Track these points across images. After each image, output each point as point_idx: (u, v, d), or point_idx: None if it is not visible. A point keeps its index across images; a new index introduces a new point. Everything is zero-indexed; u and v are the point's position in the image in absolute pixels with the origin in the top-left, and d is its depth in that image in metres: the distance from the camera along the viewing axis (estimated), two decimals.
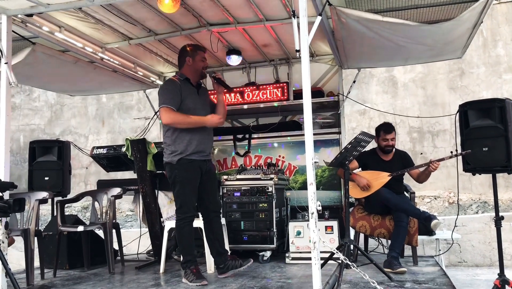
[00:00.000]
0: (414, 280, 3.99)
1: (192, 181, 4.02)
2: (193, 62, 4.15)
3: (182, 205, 4.00)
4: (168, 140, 4.05)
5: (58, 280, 4.47)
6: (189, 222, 4.03)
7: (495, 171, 4.37)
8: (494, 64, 9.05)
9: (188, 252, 4.04)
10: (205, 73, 4.26)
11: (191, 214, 4.04)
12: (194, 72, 4.17)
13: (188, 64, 4.16)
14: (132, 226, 9.83)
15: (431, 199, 8.96)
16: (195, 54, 4.16)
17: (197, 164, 4.03)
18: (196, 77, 4.20)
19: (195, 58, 4.15)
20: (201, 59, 4.18)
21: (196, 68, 4.16)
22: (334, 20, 4.19)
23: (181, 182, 3.99)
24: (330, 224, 4.82)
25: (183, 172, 3.98)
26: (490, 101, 4.50)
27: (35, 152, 5.95)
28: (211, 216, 4.21)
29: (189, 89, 4.11)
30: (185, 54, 4.19)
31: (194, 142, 3.98)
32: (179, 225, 4.03)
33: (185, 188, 3.99)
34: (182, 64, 4.21)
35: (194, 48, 4.23)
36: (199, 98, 4.17)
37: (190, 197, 4.02)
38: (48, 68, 4.98)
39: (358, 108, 8.99)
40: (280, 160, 6.10)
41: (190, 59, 4.15)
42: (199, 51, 4.21)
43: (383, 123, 5.03)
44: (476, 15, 3.94)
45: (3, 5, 3.89)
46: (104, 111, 10.92)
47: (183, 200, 4.00)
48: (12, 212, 3.45)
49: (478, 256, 7.67)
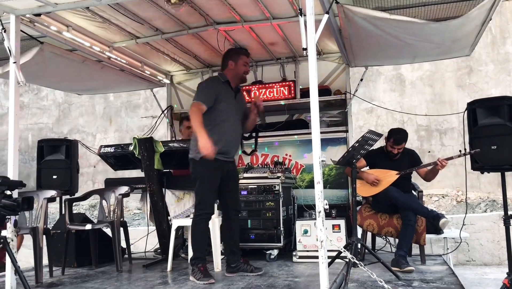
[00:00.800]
0: (422, 279, 3.97)
1: (213, 179, 4.05)
2: (235, 66, 4.21)
3: (201, 201, 4.05)
4: (196, 136, 4.05)
5: (67, 278, 4.49)
6: (205, 219, 4.07)
7: (504, 169, 4.34)
8: (503, 61, 8.98)
9: (198, 249, 4.06)
10: (245, 78, 4.34)
11: (209, 211, 4.07)
12: (235, 76, 4.23)
13: (230, 68, 4.22)
14: (139, 224, 9.87)
15: (439, 198, 8.92)
16: (238, 58, 4.22)
17: (219, 164, 4.05)
18: (236, 81, 4.27)
19: (238, 62, 4.21)
20: (243, 64, 4.23)
21: (238, 72, 4.22)
22: (341, 18, 4.17)
23: (202, 179, 4.03)
24: (337, 223, 4.80)
25: (204, 169, 4.01)
26: (499, 99, 4.47)
27: (43, 150, 5.99)
28: (230, 214, 4.23)
29: (228, 92, 4.19)
30: (228, 58, 4.25)
31: (220, 143, 4.00)
32: (195, 220, 4.07)
33: (204, 184, 4.03)
34: (224, 66, 4.27)
35: (237, 52, 4.30)
36: (235, 102, 4.23)
37: (209, 194, 4.06)
38: (56, 67, 5.00)
39: (366, 106, 8.96)
40: (287, 158, 6.09)
41: (233, 63, 4.21)
42: (242, 56, 4.26)
43: (398, 131, 4.88)
44: (484, 12, 3.91)
45: (11, 5, 3.91)
46: (112, 110, 10.97)
47: (202, 197, 4.05)
48: (21, 210, 3.48)
49: (486, 255, 7.62)
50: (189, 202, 5.15)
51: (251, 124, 4.43)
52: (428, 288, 3.67)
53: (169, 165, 5.12)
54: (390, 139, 4.80)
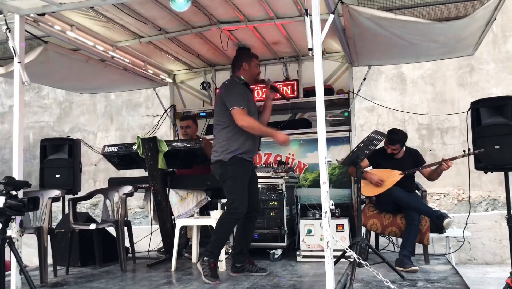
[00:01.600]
0: (426, 278, 3.98)
1: (244, 177, 4.06)
2: (249, 68, 4.26)
3: (235, 200, 3.99)
4: (222, 137, 4.08)
5: (71, 278, 4.50)
6: (236, 219, 4.03)
7: (508, 169, 4.35)
8: (504, 60, 8.98)
9: (218, 246, 4.06)
10: (259, 79, 4.43)
11: (241, 210, 3.99)
12: (250, 77, 4.28)
13: (244, 69, 4.25)
14: (141, 223, 9.88)
15: (440, 196, 8.93)
16: (250, 60, 4.29)
17: (247, 164, 4.09)
18: (251, 82, 4.33)
19: (251, 64, 4.27)
20: (255, 66, 4.32)
21: (252, 73, 4.28)
22: (345, 18, 4.18)
23: (233, 177, 4.00)
24: (341, 222, 4.81)
25: (235, 167, 4.01)
26: (502, 99, 4.48)
27: (46, 149, 5.99)
28: (251, 214, 4.21)
29: (249, 94, 4.25)
30: (241, 59, 4.29)
31: (247, 143, 4.04)
32: (225, 218, 4.05)
33: (236, 182, 4.00)
34: (238, 68, 4.28)
35: (249, 55, 4.38)
36: (253, 103, 4.28)
37: (242, 192, 4.03)
38: (60, 66, 5.00)
39: (367, 105, 8.95)
40: (290, 157, 6.09)
41: (247, 65, 4.25)
42: (254, 58, 4.35)
43: (394, 131, 4.87)
44: (489, 13, 3.92)
45: (16, 4, 3.91)
46: (113, 108, 10.97)
47: (236, 195, 3.99)
48: (26, 210, 3.46)
49: (488, 254, 7.64)
50: (192, 202, 5.15)
51: (269, 113, 4.44)
52: (433, 287, 3.68)
53: (172, 164, 5.13)
54: (387, 138, 4.81)
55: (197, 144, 4.91)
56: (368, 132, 8.66)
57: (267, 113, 4.43)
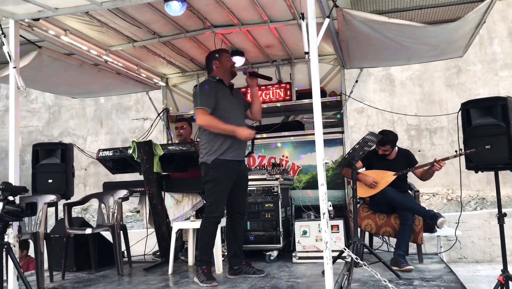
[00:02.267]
0: (421, 277, 4.04)
1: (225, 181, 4.06)
2: (221, 64, 4.26)
3: (212, 204, 4.04)
4: (204, 140, 4.12)
5: (68, 283, 4.48)
6: (214, 222, 4.06)
7: (498, 168, 4.41)
8: (491, 61, 9.15)
9: (205, 251, 4.07)
10: (235, 71, 4.35)
11: (218, 214, 4.05)
12: (224, 72, 4.27)
13: (216, 67, 4.27)
14: (132, 227, 9.85)
15: (429, 196, 9.05)
16: (220, 56, 4.29)
17: (231, 164, 4.08)
18: (227, 77, 4.30)
19: (221, 59, 4.27)
20: (227, 59, 4.30)
21: (225, 68, 4.27)
22: (339, 21, 4.23)
23: (213, 181, 4.03)
24: (336, 223, 4.86)
25: (216, 171, 4.02)
26: (492, 100, 4.54)
27: (38, 154, 5.94)
28: (235, 216, 4.25)
29: (224, 90, 4.21)
30: (211, 60, 4.30)
31: (228, 141, 4.05)
32: (204, 223, 4.08)
33: (216, 186, 4.03)
34: (211, 69, 4.31)
35: (218, 51, 4.37)
36: (233, 99, 4.26)
37: (220, 196, 4.04)
38: (54, 71, 4.99)
39: (356, 106, 9.06)
40: (284, 159, 6.14)
41: (217, 62, 4.26)
42: (223, 53, 4.35)
43: (385, 133, 4.92)
44: (480, 16, 4.00)
45: (11, 10, 3.90)
46: (102, 112, 10.92)
47: (213, 199, 4.03)
48: (24, 216, 3.46)
49: (478, 252, 7.77)
50: (188, 205, 5.17)
51: (257, 101, 4.43)
52: (429, 286, 3.74)
53: (168, 168, 5.14)
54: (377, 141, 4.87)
55: (192, 147, 4.93)
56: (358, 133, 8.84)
57: (256, 102, 4.42)
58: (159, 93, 6.83)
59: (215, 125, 4.03)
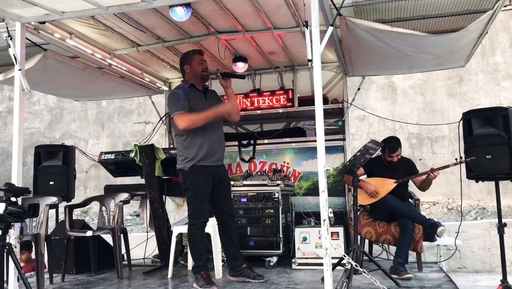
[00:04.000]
0: (420, 286, 4.05)
1: (204, 187, 4.05)
2: (191, 68, 4.18)
3: (195, 211, 4.03)
4: (180, 147, 4.09)
5: (68, 285, 4.49)
6: (201, 227, 4.05)
7: (498, 178, 4.44)
8: (492, 71, 9.17)
9: (199, 257, 4.07)
10: (206, 75, 4.23)
11: (203, 220, 4.06)
12: (195, 76, 4.18)
13: (187, 72, 4.21)
14: (132, 230, 9.85)
15: (430, 205, 9.05)
16: (191, 59, 4.19)
17: (209, 170, 4.05)
18: (199, 81, 4.21)
19: (192, 63, 4.18)
20: (198, 63, 4.18)
21: (196, 72, 4.17)
22: (342, 30, 4.26)
23: (193, 188, 4.02)
24: (336, 230, 4.86)
25: (194, 178, 4.01)
26: (494, 110, 4.58)
27: (40, 156, 5.97)
28: (226, 220, 4.23)
29: (197, 95, 4.14)
30: (182, 64, 4.25)
31: (205, 147, 4.01)
32: (191, 230, 4.06)
33: (197, 194, 4.02)
34: (183, 73, 4.27)
35: (188, 55, 4.24)
36: (207, 102, 4.16)
37: (202, 202, 4.04)
38: (58, 74, 5.02)
39: (358, 114, 9.08)
40: (285, 165, 6.16)
41: (188, 66, 4.20)
42: (195, 56, 4.21)
43: (390, 140, 4.97)
44: (482, 26, 4.03)
45: (18, 12, 3.93)
46: (104, 115, 10.95)
47: (195, 206, 4.03)
48: (27, 217, 3.46)
49: (478, 262, 7.76)
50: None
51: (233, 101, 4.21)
52: None
53: (169, 172, 5.16)
54: (385, 151, 4.87)
55: None
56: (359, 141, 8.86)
57: (232, 102, 4.22)
58: (162, 97, 6.86)
59: (197, 119, 3.93)
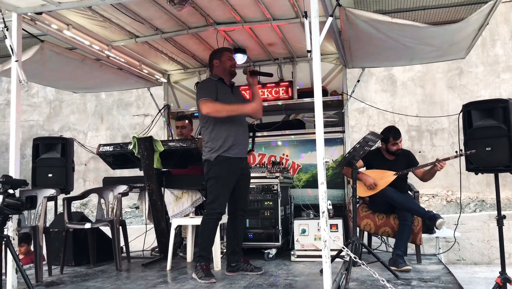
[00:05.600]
0: (419, 278, 4.05)
1: (227, 178, 4.07)
2: (220, 63, 4.28)
3: (214, 200, 4.04)
4: (206, 138, 4.14)
5: (66, 277, 4.48)
6: (215, 219, 4.05)
7: (498, 170, 4.42)
8: (493, 63, 9.15)
9: (204, 248, 4.08)
10: (234, 71, 4.35)
11: (219, 211, 4.05)
12: (224, 71, 4.29)
13: (216, 66, 4.29)
14: (131, 223, 9.86)
15: (429, 197, 9.06)
16: (221, 55, 4.30)
17: (234, 161, 4.09)
18: (227, 76, 4.31)
19: (221, 59, 4.28)
20: (227, 59, 4.30)
21: (225, 67, 4.28)
22: (342, 21, 4.23)
23: (216, 177, 4.04)
24: (335, 222, 4.85)
25: (219, 168, 4.04)
26: (494, 102, 4.55)
27: (38, 148, 5.94)
28: (237, 214, 4.25)
29: (224, 88, 4.23)
30: (212, 58, 4.33)
31: (230, 139, 4.06)
32: (205, 219, 4.08)
33: (218, 183, 4.04)
34: (212, 68, 4.35)
35: (219, 50, 4.39)
36: (233, 97, 4.28)
37: (223, 193, 4.06)
38: (56, 65, 5.00)
39: (357, 106, 9.06)
40: (284, 158, 6.14)
41: (217, 61, 4.28)
42: (224, 52, 4.36)
43: (391, 128, 4.99)
44: (483, 17, 4.00)
45: (14, 3, 3.89)
46: (103, 108, 10.93)
47: (215, 195, 4.04)
48: (24, 209, 3.45)
49: (476, 254, 7.77)
50: (187, 201, 5.18)
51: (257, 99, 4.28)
52: (427, 287, 3.74)
53: (168, 164, 5.14)
54: (389, 139, 4.87)
55: (192, 144, 4.93)
56: (358, 133, 8.84)
57: (257, 100, 4.30)
58: (161, 89, 6.83)
59: (221, 108, 4.01)
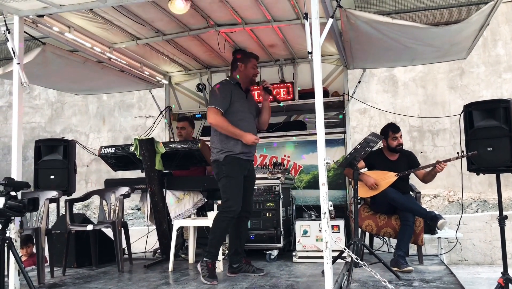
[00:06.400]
0: (421, 278, 4.05)
1: (238, 176, 4.11)
2: (245, 68, 4.31)
3: (228, 199, 4.05)
4: (216, 139, 4.19)
5: (69, 279, 4.50)
6: (231, 217, 4.06)
7: (500, 171, 4.41)
8: (494, 63, 9.12)
9: (214, 245, 4.09)
10: (255, 80, 4.41)
11: (235, 208, 4.04)
12: (245, 78, 4.33)
13: (240, 70, 4.32)
14: (133, 224, 9.86)
15: (431, 198, 9.04)
16: (248, 61, 4.33)
17: (243, 162, 4.15)
18: (246, 83, 4.36)
19: (247, 65, 4.32)
20: (252, 67, 4.34)
21: (247, 74, 4.32)
22: (343, 22, 4.24)
23: (227, 176, 4.07)
24: (336, 223, 4.86)
25: (229, 167, 4.08)
26: (495, 102, 4.55)
27: (40, 150, 5.96)
28: (241, 215, 4.24)
29: (239, 93, 4.27)
30: (238, 60, 4.35)
31: (240, 142, 4.11)
32: (219, 217, 4.10)
33: (231, 181, 4.07)
34: (234, 68, 4.37)
35: (247, 55, 4.41)
36: (247, 103, 4.33)
37: (236, 190, 4.08)
38: (57, 68, 5.01)
39: (359, 107, 9.05)
40: (286, 159, 6.15)
41: (243, 66, 4.31)
42: (252, 59, 4.38)
43: (390, 123, 5.07)
44: (484, 18, 4.00)
45: (15, 6, 3.91)
46: (105, 109, 10.93)
47: (230, 194, 4.05)
48: (27, 211, 3.47)
49: (478, 255, 7.76)
50: (189, 203, 5.19)
51: (267, 113, 4.45)
52: (429, 287, 3.74)
53: (169, 165, 5.15)
54: (388, 134, 4.88)
55: (194, 145, 4.94)
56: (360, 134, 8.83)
57: (265, 114, 4.48)
58: (162, 91, 6.84)
59: (224, 127, 4.10)
